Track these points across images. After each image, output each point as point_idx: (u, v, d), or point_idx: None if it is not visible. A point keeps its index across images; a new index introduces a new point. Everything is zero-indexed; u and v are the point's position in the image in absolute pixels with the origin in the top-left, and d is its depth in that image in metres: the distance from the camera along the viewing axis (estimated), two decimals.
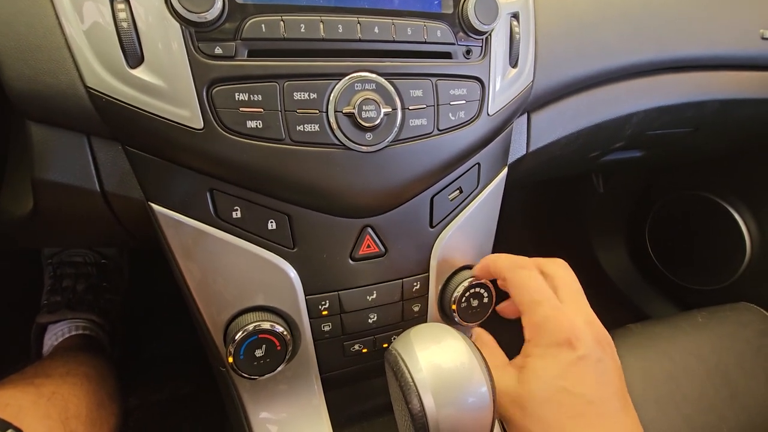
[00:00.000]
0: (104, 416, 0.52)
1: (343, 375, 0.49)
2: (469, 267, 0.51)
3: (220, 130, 0.36)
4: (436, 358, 0.33)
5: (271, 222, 0.41)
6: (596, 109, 0.60)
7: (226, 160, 0.37)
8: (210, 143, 0.36)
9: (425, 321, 0.50)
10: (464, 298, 0.48)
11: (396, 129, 0.40)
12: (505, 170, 0.52)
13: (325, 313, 0.44)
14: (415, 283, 0.47)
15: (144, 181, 0.39)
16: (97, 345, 0.80)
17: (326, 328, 0.45)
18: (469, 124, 0.44)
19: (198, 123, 0.36)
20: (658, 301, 1.18)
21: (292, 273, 0.42)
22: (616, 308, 1.24)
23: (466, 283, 0.48)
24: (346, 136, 0.39)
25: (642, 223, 1.24)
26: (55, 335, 0.78)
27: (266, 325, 0.40)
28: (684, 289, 1.13)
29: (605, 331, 0.38)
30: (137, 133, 0.36)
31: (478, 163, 0.48)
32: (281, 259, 0.41)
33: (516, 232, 1.42)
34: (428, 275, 0.48)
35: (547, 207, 1.42)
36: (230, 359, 0.40)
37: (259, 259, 0.41)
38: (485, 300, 0.50)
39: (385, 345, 0.48)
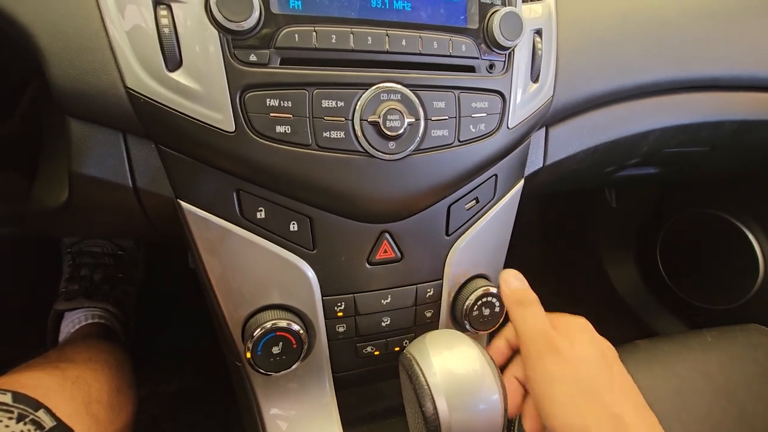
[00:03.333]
0: (123, 402, 0.53)
1: (355, 376, 0.50)
2: (482, 276, 0.52)
3: (251, 133, 0.37)
4: (450, 364, 0.34)
5: (293, 224, 0.42)
6: (614, 125, 0.60)
7: (255, 163, 0.38)
8: (240, 146, 0.38)
9: (437, 327, 0.51)
10: (476, 307, 0.49)
11: (418, 139, 0.41)
12: (522, 182, 0.53)
13: (340, 314, 0.45)
14: (428, 290, 0.48)
15: (174, 179, 0.40)
16: (111, 334, 0.82)
17: (341, 329, 0.46)
18: (489, 136, 0.45)
19: (230, 126, 0.37)
20: (666, 319, 1.17)
21: (311, 274, 0.43)
22: (625, 324, 1.23)
23: (478, 292, 0.49)
24: (370, 144, 0.40)
25: (653, 239, 1.23)
26: (72, 323, 0.80)
27: (283, 323, 0.42)
28: (694, 308, 1.12)
29: None
30: (171, 133, 0.38)
31: (496, 175, 0.49)
32: (301, 260, 0.43)
33: (526, 244, 1.42)
34: (442, 282, 0.49)
35: (558, 219, 1.43)
36: (248, 354, 0.41)
37: (279, 258, 0.42)
38: (496, 309, 0.51)
39: (397, 348, 0.49)
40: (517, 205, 0.53)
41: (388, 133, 0.39)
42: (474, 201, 0.49)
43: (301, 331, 0.42)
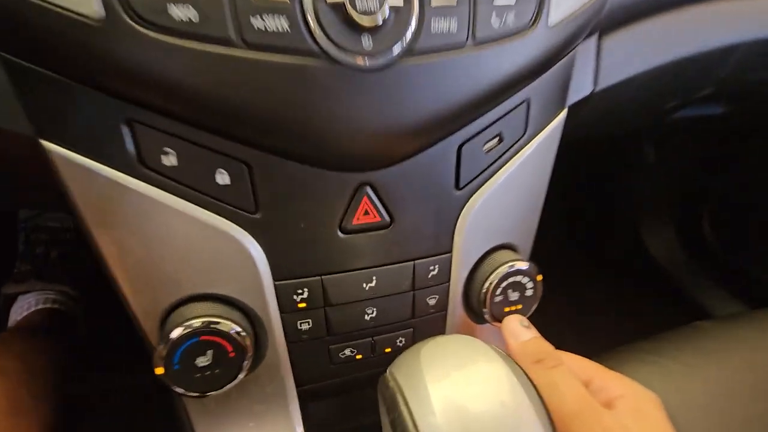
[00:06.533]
0: (22, 424, 0.41)
1: (332, 386, 0.36)
2: (507, 247, 0.37)
3: (129, 20, 0.23)
4: (460, 395, 0.20)
5: (221, 173, 0.28)
6: (687, 36, 0.44)
7: (141, 71, 0.24)
8: (114, 42, 0.23)
9: (443, 318, 0.37)
10: (500, 290, 0.35)
11: (409, 33, 0.26)
12: (564, 114, 0.37)
13: (302, 305, 0.31)
14: (431, 267, 0.34)
15: (32, 107, 0.26)
16: (65, 320, 0.70)
17: (304, 327, 0.32)
18: (519, 35, 0.29)
19: (95, 9, 0.22)
20: (719, 296, 1.01)
21: (255, 248, 0.29)
22: (666, 301, 1.06)
23: (503, 269, 0.34)
24: (332, 40, 0.25)
25: (700, 202, 1.06)
26: (21, 308, 0.69)
27: (211, 322, 0.28)
28: (753, 282, 0.95)
29: None
30: (12, 31, 0.24)
31: (527, 100, 0.34)
32: (237, 228, 0.29)
33: (547, 205, 1.25)
34: (450, 256, 0.34)
35: (587, 177, 1.25)
36: (160, 369, 0.28)
37: (204, 227, 0.28)
38: (528, 292, 0.36)
39: (389, 350, 0.36)
40: (557, 148, 0.38)
41: (360, 20, 0.24)
42: (496, 139, 0.34)
43: (242, 334, 0.29)
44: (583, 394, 0.27)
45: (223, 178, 0.27)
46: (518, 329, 0.32)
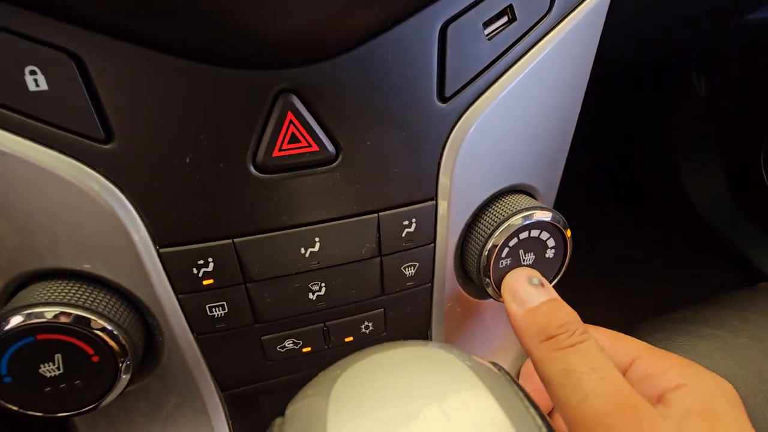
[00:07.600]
0: None
1: (271, 387, 0.27)
2: (521, 190, 0.26)
3: None
4: None
5: (34, 73, 0.17)
6: None
7: None
8: None
9: (427, 293, 0.26)
10: (508, 250, 0.24)
11: None
12: None
13: (208, 282, 0.21)
14: (405, 222, 0.23)
15: None
16: None
17: (218, 312, 0.22)
18: None
19: None
20: None
21: (115, 199, 0.19)
22: (715, 262, 0.91)
23: (515, 221, 0.23)
24: None
25: (756, 142, 0.90)
26: None
27: (53, 314, 0.18)
28: None
29: None
30: None
31: None
32: (79, 166, 0.18)
33: (574, 142, 1.10)
34: (435, 204, 0.23)
35: (619, 113, 1.08)
36: None
37: (24, 166, 0.18)
38: (550, 253, 0.25)
39: (350, 339, 0.25)
40: (598, 40, 0.25)
41: None
42: (504, 19, 0.21)
43: (108, 329, 0.19)
44: (619, 386, 0.17)
45: (35, 81, 0.16)
46: (524, 289, 0.22)
